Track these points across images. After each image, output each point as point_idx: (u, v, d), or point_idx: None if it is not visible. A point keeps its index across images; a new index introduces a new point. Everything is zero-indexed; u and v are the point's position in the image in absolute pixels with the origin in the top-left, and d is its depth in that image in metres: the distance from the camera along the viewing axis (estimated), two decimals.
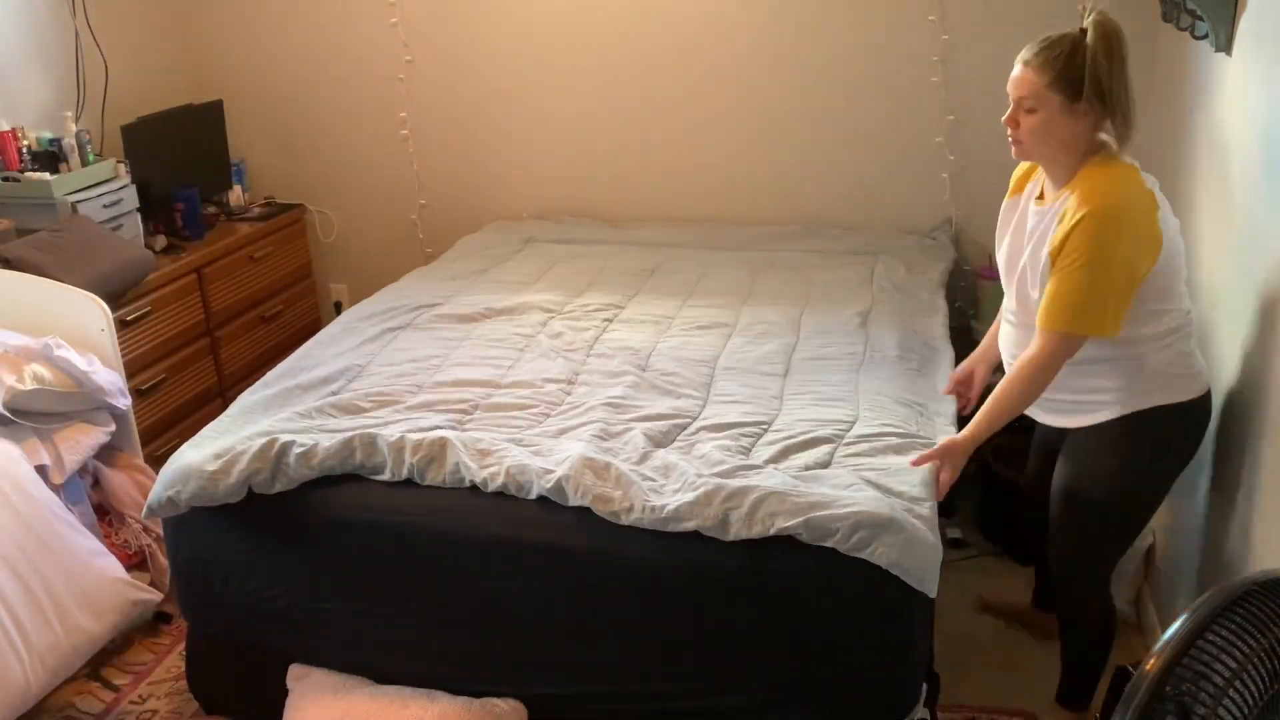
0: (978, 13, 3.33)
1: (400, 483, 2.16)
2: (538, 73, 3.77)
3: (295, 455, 2.16)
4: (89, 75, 3.60)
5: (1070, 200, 1.94)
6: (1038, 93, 1.95)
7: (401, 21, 3.82)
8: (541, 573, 2.07)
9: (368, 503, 2.15)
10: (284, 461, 2.15)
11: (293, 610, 2.22)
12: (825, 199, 3.67)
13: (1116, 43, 1.91)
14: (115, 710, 2.50)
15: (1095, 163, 1.97)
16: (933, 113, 3.46)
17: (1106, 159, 1.97)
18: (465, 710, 2.12)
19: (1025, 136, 2.00)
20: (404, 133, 3.96)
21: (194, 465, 2.18)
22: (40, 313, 2.77)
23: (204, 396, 3.54)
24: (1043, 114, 1.95)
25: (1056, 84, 1.93)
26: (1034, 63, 1.96)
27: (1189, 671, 1.21)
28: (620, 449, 2.21)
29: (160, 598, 2.63)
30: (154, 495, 2.21)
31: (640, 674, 2.09)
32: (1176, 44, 2.87)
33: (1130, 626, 2.73)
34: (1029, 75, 1.96)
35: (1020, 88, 1.98)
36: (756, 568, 1.95)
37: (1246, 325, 2.08)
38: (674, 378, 2.57)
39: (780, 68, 3.53)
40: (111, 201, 3.26)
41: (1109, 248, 1.88)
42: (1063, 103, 1.93)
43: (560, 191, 3.92)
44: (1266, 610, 1.24)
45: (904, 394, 2.44)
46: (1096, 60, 1.90)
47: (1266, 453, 1.92)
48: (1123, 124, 1.94)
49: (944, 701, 2.31)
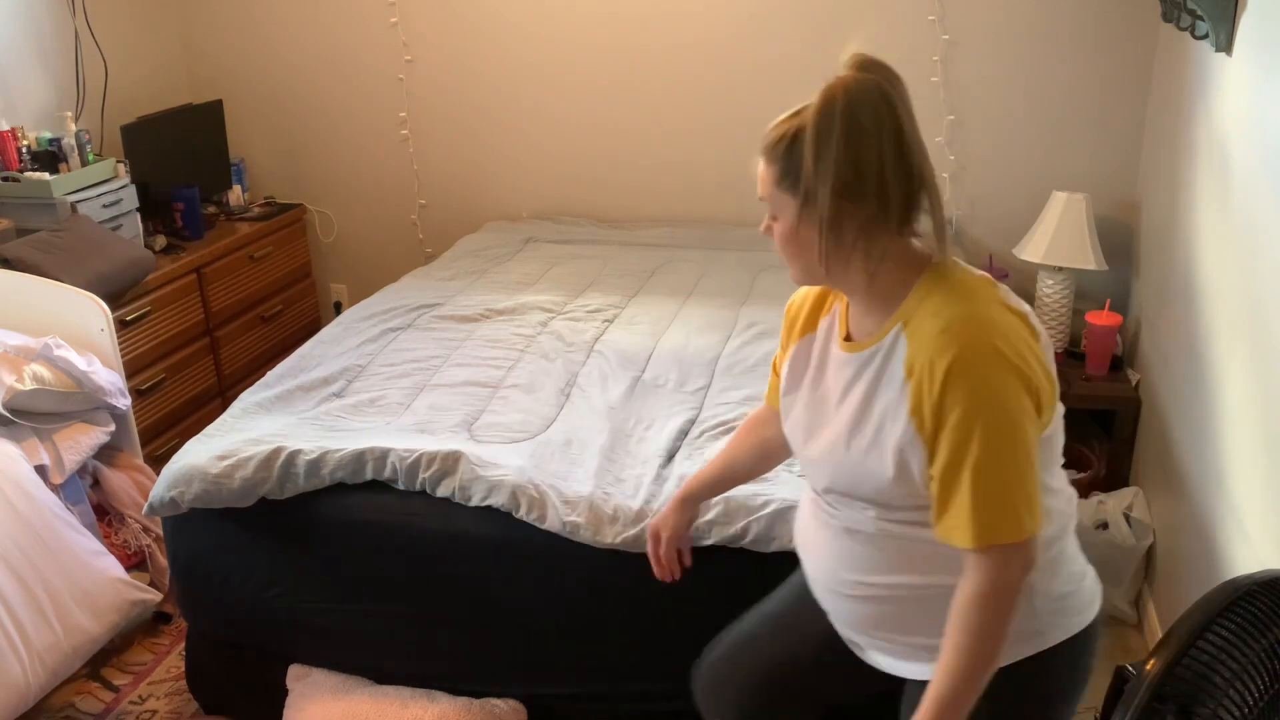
0: (978, 13, 3.34)
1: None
2: (538, 73, 3.77)
3: (304, 465, 2.15)
4: (89, 75, 3.61)
5: (905, 343, 1.32)
6: (770, 193, 1.36)
7: (401, 21, 3.82)
8: (541, 573, 2.07)
9: (367, 503, 2.15)
10: (292, 471, 2.15)
11: (292, 610, 2.22)
12: None
13: (847, 109, 1.26)
14: (115, 710, 2.50)
15: (926, 282, 1.34)
16: (933, 113, 3.46)
17: (939, 274, 1.34)
18: (465, 711, 2.12)
19: (781, 254, 1.40)
20: (404, 133, 3.96)
21: (198, 467, 2.18)
22: (40, 313, 2.77)
23: (204, 396, 3.54)
24: (783, 222, 1.36)
25: (784, 180, 1.33)
26: (763, 150, 1.36)
27: (1189, 671, 1.21)
28: (631, 465, 2.18)
29: (160, 598, 2.63)
30: (155, 494, 2.21)
31: (640, 674, 2.09)
32: (1176, 44, 2.87)
33: (1130, 626, 2.73)
34: (761, 168, 1.37)
35: (759, 185, 1.38)
36: (757, 568, 1.95)
37: (1246, 326, 2.08)
38: (674, 378, 2.57)
39: (780, 68, 3.53)
40: (111, 201, 3.26)
41: (1006, 399, 1.26)
42: (801, 205, 1.32)
43: (560, 191, 3.92)
44: (1266, 610, 1.24)
45: None
46: (802, 140, 1.30)
47: (1266, 453, 1.92)
48: (912, 212, 1.33)
49: None
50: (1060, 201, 3.15)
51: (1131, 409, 3.00)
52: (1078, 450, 3.12)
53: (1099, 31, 3.25)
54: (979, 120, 3.44)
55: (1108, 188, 3.33)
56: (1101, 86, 3.30)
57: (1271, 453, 1.89)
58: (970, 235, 3.58)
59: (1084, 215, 3.12)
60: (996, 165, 3.49)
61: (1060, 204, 3.15)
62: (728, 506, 1.96)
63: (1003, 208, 3.49)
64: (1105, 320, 3.12)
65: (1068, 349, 3.25)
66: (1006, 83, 3.38)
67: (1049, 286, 3.20)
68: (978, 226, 3.56)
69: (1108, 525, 2.70)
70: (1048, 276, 3.19)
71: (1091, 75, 3.30)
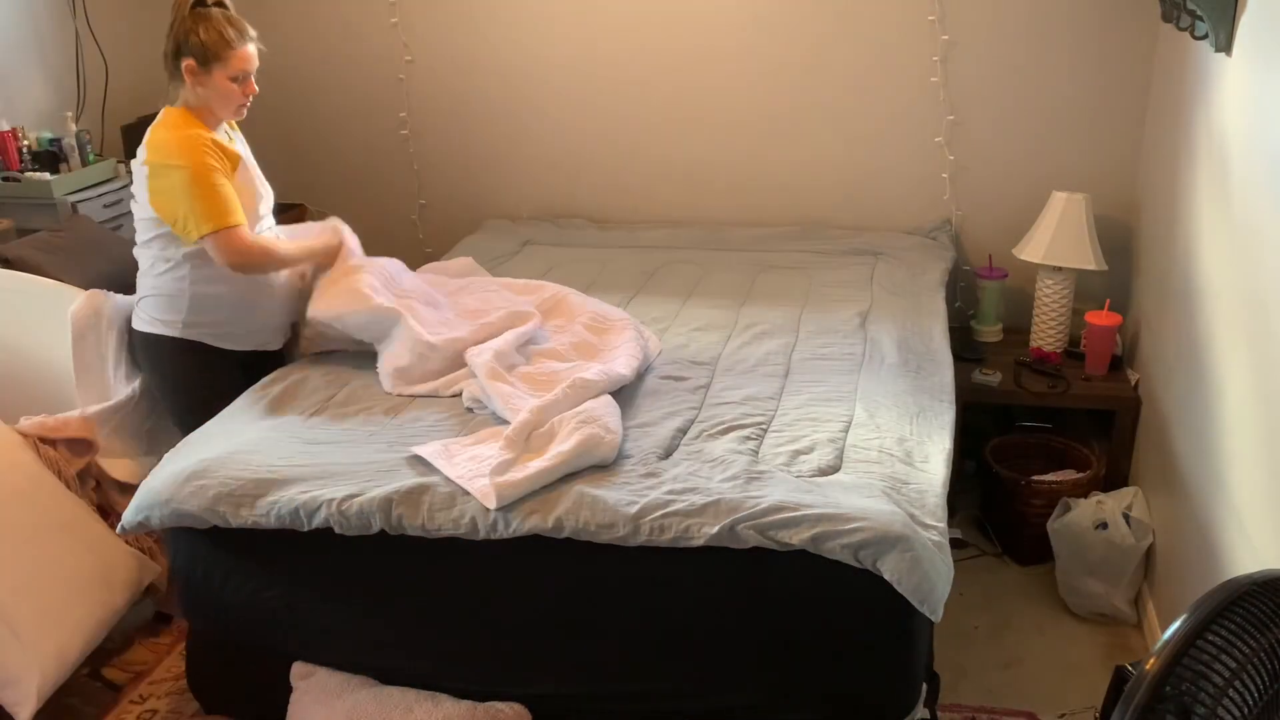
0: (978, 13, 3.33)
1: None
2: (538, 73, 3.77)
3: (249, 514, 2.10)
4: (89, 75, 3.61)
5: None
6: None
7: (401, 21, 3.82)
8: (541, 573, 2.07)
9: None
10: (241, 511, 2.11)
11: (292, 610, 2.22)
12: (825, 199, 3.67)
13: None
14: (115, 710, 2.50)
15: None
16: (933, 113, 3.46)
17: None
18: (469, 715, 2.12)
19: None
20: (404, 133, 3.96)
21: (162, 492, 2.16)
22: (40, 313, 2.77)
23: None
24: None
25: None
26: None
27: (1189, 671, 1.21)
28: (625, 461, 2.17)
29: (160, 570, 2.63)
30: (126, 516, 2.22)
31: (640, 674, 2.09)
32: (1176, 44, 2.87)
33: (1130, 626, 2.73)
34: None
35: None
36: (757, 567, 1.95)
37: (1246, 326, 2.08)
38: (674, 378, 2.57)
39: (780, 68, 3.53)
40: (111, 201, 3.26)
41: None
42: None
43: (560, 191, 3.91)
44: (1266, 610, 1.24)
45: (903, 395, 2.44)
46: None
47: (1266, 453, 1.92)
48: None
49: (944, 701, 2.32)
50: (1060, 201, 3.15)
51: (1131, 409, 3.00)
52: (1078, 450, 3.13)
53: (1099, 31, 3.25)
54: (979, 120, 3.44)
55: (1108, 188, 3.33)
56: (1101, 86, 3.31)
57: (1271, 453, 1.89)
58: (970, 235, 3.58)
59: (1084, 215, 3.13)
60: (996, 165, 3.49)
61: (1060, 204, 3.15)
62: (720, 507, 1.96)
63: (1003, 208, 3.49)
64: (1105, 320, 3.12)
65: (1067, 349, 3.25)
66: (1006, 83, 3.38)
67: (1049, 286, 3.20)
68: (978, 226, 3.56)
69: (1107, 525, 2.70)
70: (1047, 276, 3.19)
71: (1091, 75, 3.30)
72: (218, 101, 2.51)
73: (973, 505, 3.21)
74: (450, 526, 2.02)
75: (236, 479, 2.14)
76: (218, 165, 2.45)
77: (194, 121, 2.50)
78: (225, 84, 2.48)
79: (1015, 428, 3.28)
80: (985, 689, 2.50)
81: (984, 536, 3.12)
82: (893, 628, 1.95)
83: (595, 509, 1.98)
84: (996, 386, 3.11)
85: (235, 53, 2.46)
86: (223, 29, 2.45)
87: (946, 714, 2.37)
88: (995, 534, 3.10)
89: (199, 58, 2.45)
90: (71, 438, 2.62)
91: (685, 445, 2.25)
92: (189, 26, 2.45)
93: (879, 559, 1.85)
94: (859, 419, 2.32)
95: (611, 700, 2.12)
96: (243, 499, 2.11)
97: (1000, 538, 3.08)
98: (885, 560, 1.85)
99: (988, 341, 3.41)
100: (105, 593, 2.44)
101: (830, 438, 2.24)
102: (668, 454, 2.22)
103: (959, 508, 3.18)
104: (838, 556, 1.87)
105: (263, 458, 2.22)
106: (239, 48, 2.46)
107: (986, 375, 3.12)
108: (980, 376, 3.12)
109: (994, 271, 3.41)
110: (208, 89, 2.48)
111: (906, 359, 2.64)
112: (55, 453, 2.57)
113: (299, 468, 2.18)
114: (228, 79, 2.47)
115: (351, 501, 2.05)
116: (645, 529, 1.95)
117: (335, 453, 2.25)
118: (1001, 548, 3.07)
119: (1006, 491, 2.99)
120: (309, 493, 2.09)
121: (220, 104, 2.51)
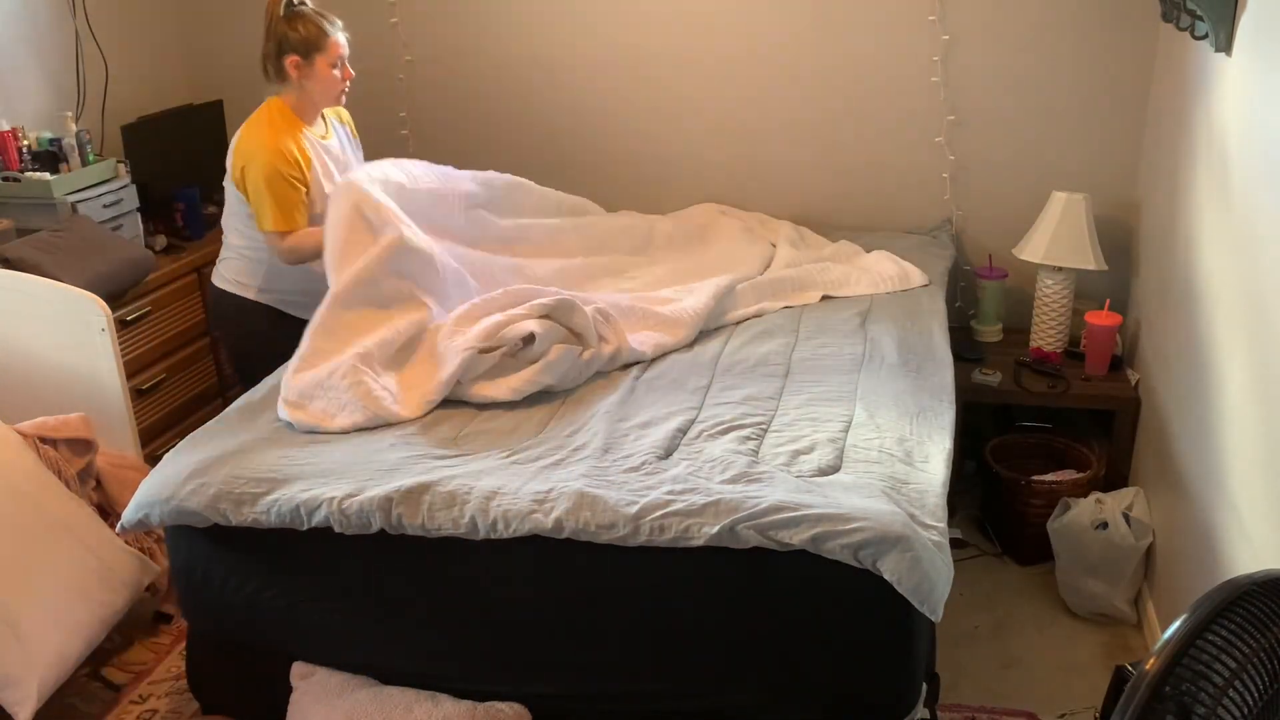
0: (978, 13, 3.33)
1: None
2: (538, 73, 3.77)
3: (251, 512, 2.11)
4: (89, 75, 3.60)
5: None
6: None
7: (401, 21, 3.82)
8: (541, 572, 2.07)
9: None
10: (241, 509, 2.11)
11: (292, 610, 2.22)
12: (825, 199, 3.67)
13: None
14: (115, 710, 2.50)
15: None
16: (933, 113, 3.46)
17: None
18: (469, 714, 2.12)
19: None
20: (404, 133, 3.96)
21: (163, 490, 2.16)
22: (40, 313, 2.77)
23: (204, 397, 3.54)
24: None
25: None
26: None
27: (1189, 671, 1.21)
28: (623, 462, 2.17)
29: (160, 570, 2.63)
30: (126, 515, 2.22)
31: (640, 674, 2.09)
32: (1176, 44, 2.87)
33: (1130, 626, 2.73)
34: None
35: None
36: (757, 568, 1.95)
37: (1246, 325, 2.08)
38: (673, 379, 2.57)
39: (780, 68, 3.53)
40: (111, 201, 3.26)
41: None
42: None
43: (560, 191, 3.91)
44: (1266, 610, 1.24)
45: (903, 395, 2.44)
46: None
47: (1266, 453, 1.92)
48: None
49: (944, 701, 2.32)
50: (1060, 201, 3.15)
51: (1131, 409, 3.00)
52: (1078, 450, 3.13)
53: (1099, 31, 3.25)
54: (979, 120, 3.44)
55: (1108, 188, 3.33)
56: (1101, 86, 3.30)
57: (1271, 453, 1.90)
58: (970, 235, 3.58)
59: (1084, 215, 3.12)
60: (996, 165, 3.49)
61: (1060, 204, 3.15)
62: (720, 507, 1.95)
63: (1003, 208, 3.49)
64: (1105, 320, 3.12)
65: (1068, 349, 3.25)
66: (1006, 83, 3.38)
67: (1049, 286, 3.20)
68: (978, 226, 3.56)
69: (1107, 525, 2.70)
70: (1047, 276, 3.19)
71: (1091, 75, 3.30)
72: (320, 91, 2.82)
73: (973, 505, 3.21)
74: (450, 526, 2.03)
75: (237, 477, 2.14)
76: (290, 171, 2.74)
77: (290, 117, 2.82)
78: (327, 71, 2.79)
79: (1015, 428, 3.28)
80: (985, 689, 2.50)
81: (984, 536, 3.12)
82: (893, 628, 1.95)
83: (595, 509, 1.98)
84: (996, 386, 3.11)
85: (331, 40, 2.77)
86: (318, 21, 2.77)
87: (946, 714, 2.37)
88: (995, 534, 3.10)
89: (301, 51, 2.75)
90: (71, 438, 2.62)
91: (685, 445, 2.25)
92: (286, 26, 2.74)
93: (879, 559, 1.85)
94: (859, 419, 2.32)
95: (611, 700, 2.12)
96: (243, 497, 2.11)
97: (1000, 538, 3.08)
98: (885, 560, 1.85)
99: (988, 341, 3.41)
100: (105, 593, 2.44)
101: (830, 438, 2.24)
102: (668, 454, 2.22)
103: (959, 508, 3.18)
104: (838, 556, 1.87)
105: (263, 456, 2.22)
106: (334, 35, 2.78)
107: (986, 375, 3.12)
108: (980, 376, 3.12)
109: (994, 271, 3.41)
110: (312, 80, 2.79)
111: (906, 359, 2.64)
112: (55, 453, 2.57)
113: (299, 466, 2.19)
114: (329, 66, 2.78)
115: (351, 500, 2.05)
116: (645, 529, 1.95)
117: (336, 452, 2.25)
118: (1001, 548, 3.07)
119: (1006, 491, 2.99)
120: (309, 491, 2.10)
121: (323, 93, 2.83)
